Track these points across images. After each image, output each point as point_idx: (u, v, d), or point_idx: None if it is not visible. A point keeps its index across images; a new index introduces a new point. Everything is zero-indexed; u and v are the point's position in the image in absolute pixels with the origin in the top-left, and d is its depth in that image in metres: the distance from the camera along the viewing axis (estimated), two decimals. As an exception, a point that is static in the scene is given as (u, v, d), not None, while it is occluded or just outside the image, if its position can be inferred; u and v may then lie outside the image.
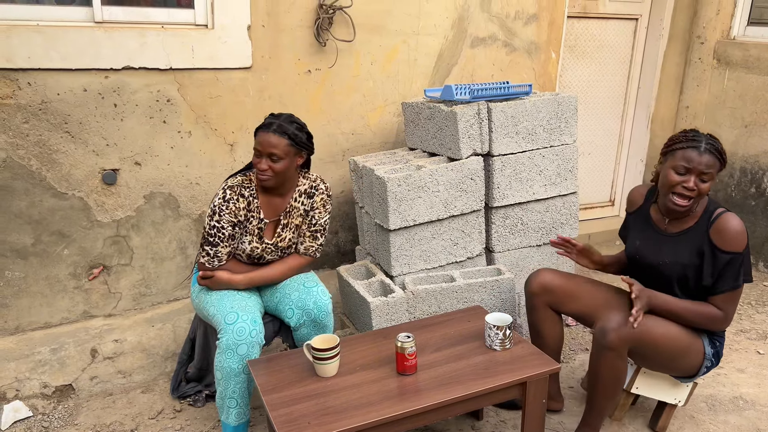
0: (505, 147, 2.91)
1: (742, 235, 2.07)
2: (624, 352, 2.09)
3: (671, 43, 4.41)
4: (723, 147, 2.12)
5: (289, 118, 2.32)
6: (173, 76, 2.86)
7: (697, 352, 2.17)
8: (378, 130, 3.49)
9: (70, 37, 2.63)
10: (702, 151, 2.05)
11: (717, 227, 2.09)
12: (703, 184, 2.06)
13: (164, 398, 2.70)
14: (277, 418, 1.80)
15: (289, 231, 2.43)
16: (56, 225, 2.79)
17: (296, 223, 2.43)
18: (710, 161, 2.05)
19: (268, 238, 2.40)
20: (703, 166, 2.04)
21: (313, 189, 2.45)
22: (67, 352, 2.76)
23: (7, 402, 2.58)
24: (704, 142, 2.07)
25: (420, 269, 2.84)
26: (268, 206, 2.39)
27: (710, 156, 2.05)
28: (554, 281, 2.38)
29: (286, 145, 2.25)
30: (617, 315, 2.09)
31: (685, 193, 2.07)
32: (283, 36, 3.07)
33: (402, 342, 1.99)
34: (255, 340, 2.18)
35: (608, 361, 2.09)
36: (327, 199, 2.47)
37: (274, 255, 2.43)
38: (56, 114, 2.69)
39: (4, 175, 2.65)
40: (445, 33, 3.51)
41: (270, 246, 2.40)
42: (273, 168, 2.26)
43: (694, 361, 2.19)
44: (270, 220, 2.39)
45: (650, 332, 2.10)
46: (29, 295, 2.82)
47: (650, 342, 2.11)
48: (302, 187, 2.44)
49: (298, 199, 2.42)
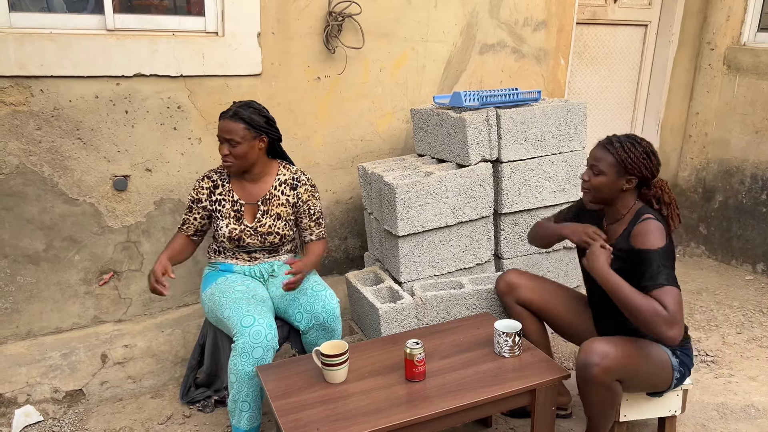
0: (514, 153, 2.92)
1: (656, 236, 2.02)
2: (611, 383, 2.03)
3: (681, 50, 4.40)
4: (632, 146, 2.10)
5: (248, 104, 2.41)
6: (184, 83, 2.89)
7: (666, 365, 2.13)
8: (387, 136, 3.50)
9: (82, 45, 2.65)
10: (596, 146, 2.19)
11: (635, 231, 2.09)
12: (594, 177, 2.15)
13: (173, 403, 2.71)
14: (286, 424, 1.80)
15: (269, 218, 2.47)
16: (67, 231, 2.82)
17: (278, 212, 2.48)
18: (599, 155, 2.14)
19: (248, 220, 2.47)
20: (591, 159, 2.17)
21: (296, 181, 2.53)
22: (78, 357, 2.78)
23: (18, 406, 2.59)
24: (605, 139, 2.18)
25: (429, 275, 2.84)
26: (242, 190, 2.48)
27: (602, 150, 2.14)
28: (519, 279, 2.48)
29: (242, 129, 2.33)
30: (599, 346, 2.02)
31: (582, 185, 2.22)
32: (293, 43, 3.09)
33: (411, 348, 1.99)
34: (270, 344, 2.19)
35: (596, 394, 2.06)
36: (312, 189, 2.56)
37: (255, 239, 2.46)
38: (68, 121, 2.72)
39: (17, 181, 2.68)
40: (453, 40, 3.52)
41: (249, 229, 2.45)
42: (233, 153, 2.34)
43: (667, 376, 2.15)
44: (247, 203, 2.47)
45: (631, 358, 2.05)
46: (41, 300, 2.84)
47: (633, 368, 2.06)
48: (282, 177, 2.52)
49: (279, 188, 2.50)
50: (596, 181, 2.14)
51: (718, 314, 3.56)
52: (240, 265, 2.53)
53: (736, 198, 4.25)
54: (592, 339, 2.07)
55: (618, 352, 2.01)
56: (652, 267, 2.00)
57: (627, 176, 2.12)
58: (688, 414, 2.59)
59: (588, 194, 2.19)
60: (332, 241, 3.50)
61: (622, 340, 2.08)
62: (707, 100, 4.38)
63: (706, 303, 3.71)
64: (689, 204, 4.58)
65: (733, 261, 4.30)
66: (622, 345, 2.06)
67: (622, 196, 2.16)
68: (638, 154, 2.10)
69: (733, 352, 3.12)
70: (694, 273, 4.21)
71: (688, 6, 4.32)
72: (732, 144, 4.23)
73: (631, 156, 2.10)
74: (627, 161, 2.10)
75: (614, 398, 2.09)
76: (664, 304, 1.95)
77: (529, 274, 2.52)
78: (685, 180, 4.59)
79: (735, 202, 4.26)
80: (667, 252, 2.03)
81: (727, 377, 2.90)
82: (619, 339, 2.09)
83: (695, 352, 3.12)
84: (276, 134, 2.48)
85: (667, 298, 1.95)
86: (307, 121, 3.24)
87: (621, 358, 2.02)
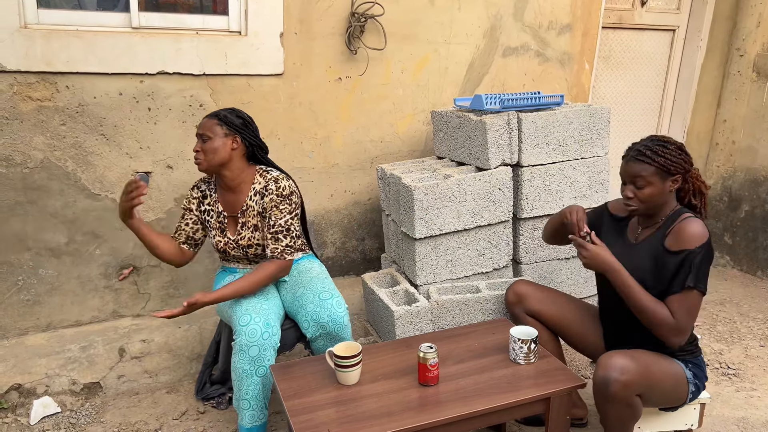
0: (535, 158, 2.89)
1: (695, 236, 2.00)
2: (631, 399, 1.99)
3: (709, 55, 4.33)
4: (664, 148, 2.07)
5: (231, 109, 2.38)
6: (206, 81, 2.91)
7: (682, 378, 2.10)
8: (406, 138, 3.49)
9: (107, 42, 2.69)
10: (627, 161, 2.13)
11: (673, 230, 2.07)
12: (639, 191, 2.10)
13: (188, 399, 2.73)
14: (297, 424, 1.80)
15: (247, 230, 2.41)
16: (89, 225, 2.86)
17: (253, 223, 2.40)
18: (638, 168, 2.08)
19: (230, 233, 2.43)
20: (630, 176, 2.11)
21: (264, 189, 2.37)
22: (96, 350, 2.81)
23: (37, 397, 2.63)
24: (632, 151, 2.13)
25: (445, 279, 2.82)
26: (225, 202, 2.42)
27: (638, 164, 2.08)
28: (528, 290, 2.44)
29: (214, 124, 2.29)
30: (618, 360, 1.98)
31: (626, 201, 2.15)
32: (315, 43, 3.10)
33: (424, 352, 1.97)
34: (267, 343, 2.18)
35: (617, 410, 2.01)
36: (279, 200, 2.34)
37: (238, 252, 2.44)
38: (92, 117, 2.76)
39: (41, 176, 2.72)
40: (476, 42, 3.50)
41: (231, 242, 2.42)
42: (203, 148, 2.29)
43: (683, 391, 2.12)
44: (229, 215, 2.42)
45: (651, 372, 2.02)
46: (61, 293, 2.88)
47: (653, 383, 2.03)
48: (257, 186, 2.39)
49: (253, 198, 2.39)
50: (644, 194, 2.09)
51: (741, 326, 3.49)
52: (242, 269, 2.51)
53: (763, 208, 4.16)
54: (609, 353, 2.03)
55: (637, 366, 1.97)
56: (684, 268, 2.00)
57: (671, 177, 2.09)
58: (707, 428, 2.54)
59: (637, 209, 2.13)
60: (350, 241, 3.50)
61: (640, 353, 2.05)
62: (735, 107, 4.29)
63: (730, 314, 3.64)
64: (714, 213, 4.49)
65: (759, 272, 4.21)
66: (641, 358, 2.02)
67: (669, 197, 2.14)
68: (673, 152, 2.08)
69: (756, 366, 3.06)
70: (717, 283, 4.13)
71: (717, 11, 4.24)
72: (760, 153, 4.14)
73: (668, 158, 2.07)
74: (668, 164, 2.07)
75: (635, 414, 2.04)
76: (674, 310, 1.98)
77: (538, 285, 2.49)
78: (711, 188, 4.50)
79: (762, 212, 4.16)
80: (705, 251, 2.01)
81: (749, 391, 2.83)
82: (636, 352, 2.05)
83: (717, 364, 3.06)
84: (253, 139, 2.38)
85: (679, 305, 1.98)
86: (327, 122, 3.24)
87: (640, 372, 1.98)
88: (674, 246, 2.04)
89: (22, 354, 2.73)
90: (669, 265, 2.04)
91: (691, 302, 1.98)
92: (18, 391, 2.63)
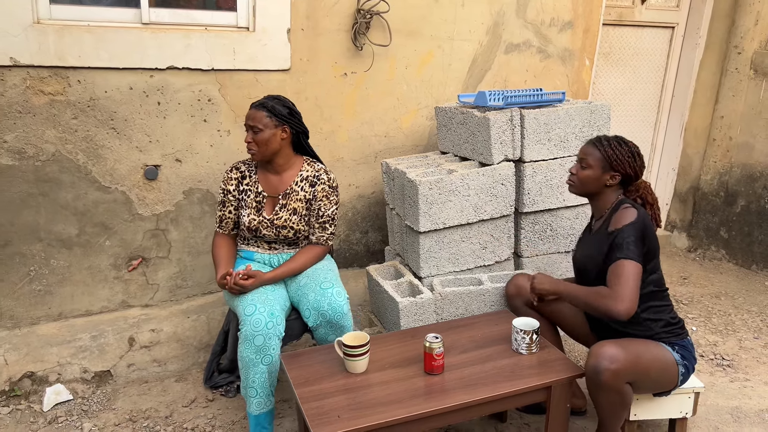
0: (537, 153, 2.95)
1: (626, 217, 2.16)
2: (621, 386, 2.07)
3: (707, 53, 4.39)
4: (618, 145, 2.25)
5: (275, 97, 2.50)
6: (215, 76, 2.96)
7: (670, 361, 2.18)
8: (410, 133, 3.54)
9: (118, 38, 2.74)
10: (587, 143, 2.33)
11: (613, 217, 2.22)
12: (582, 171, 2.31)
13: (197, 387, 2.80)
14: (308, 411, 1.87)
15: (286, 212, 2.52)
16: (99, 217, 2.91)
17: (294, 207, 2.52)
18: (588, 150, 2.29)
19: (267, 213, 2.53)
20: (581, 154, 2.32)
21: (316, 178, 2.55)
22: (107, 339, 2.88)
23: (50, 385, 2.70)
24: (596, 138, 2.32)
25: (448, 271, 2.89)
26: (266, 182, 2.55)
27: (591, 147, 2.29)
28: (527, 283, 2.54)
29: (264, 116, 2.42)
30: (608, 350, 2.06)
31: (568, 177, 2.38)
32: (321, 39, 3.15)
33: (430, 342, 2.04)
34: (272, 332, 2.25)
35: (607, 397, 2.09)
36: (330, 191, 2.55)
37: (270, 231, 2.52)
38: (103, 111, 2.81)
39: (53, 168, 2.78)
40: (479, 39, 3.55)
41: (266, 221, 2.51)
42: (255, 139, 2.43)
43: (673, 375, 2.19)
44: (269, 195, 2.53)
45: (640, 360, 2.09)
46: (72, 283, 2.94)
47: (642, 370, 2.11)
48: (305, 173, 2.56)
49: (299, 184, 2.54)
50: (583, 174, 2.30)
51: (736, 318, 3.57)
52: (260, 253, 2.60)
53: (758, 203, 4.23)
54: (599, 343, 2.11)
55: (626, 355, 2.05)
56: (614, 243, 2.14)
57: (611, 172, 2.26)
58: (701, 416, 2.62)
59: (573, 186, 2.36)
60: (353, 234, 3.56)
61: (629, 342, 2.12)
62: (733, 103, 4.36)
63: (725, 307, 3.72)
64: (711, 208, 4.56)
65: (754, 266, 4.29)
66: (630, 347, 2.09)
67: (605, 191, 2.30)
68: (624, 152, 2.26)
69: (750, 357, 3.14)
70: (713, 276, 4.21)
71: (716, 9, 4.30)
72: (756, 149, 4.21)
73: (617, 153, 2.25)
74: (613, 158, 2.25)
75: (625, 401, 2.12)
76: (609, 281, 2.10)
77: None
78: (708, 183, 4.57)
79: (757, 207, 4.24)
80: (632, 228, 2.12)
81: (743, 381, 2.91)
82: (625, 341, 2.12)
83: (711, 355, 3.14)
84: (299, 127, 2.53)
85: (612, 276, 2.10)
86: (333, 117, 3.30)
87: (630, 360, 2.06)
88: (611, 229, 2.19)
89: (35, 343, 2.79)
90: (606, 246, 2.18)
91: (622, 270, 2.08)
92: (31, 379, 2.70)
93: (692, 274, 4.26)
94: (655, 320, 2.21)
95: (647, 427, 2.55)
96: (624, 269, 2.08)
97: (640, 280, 2.09)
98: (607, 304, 2.06)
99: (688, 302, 3.78)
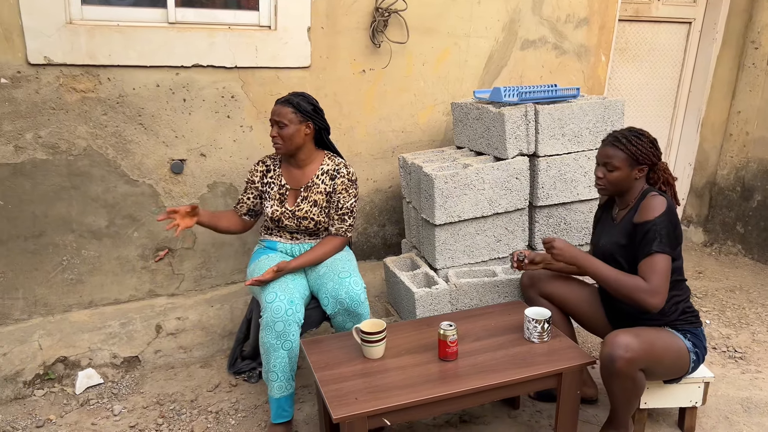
0: (551, 148, 3.01)
1: (655, 208, 2.19)
2: (635, 373, 2.14)
3: (724, 48, 4.40)
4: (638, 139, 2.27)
5: (299, 94, 2.61)
6: (238, 74, 3.06)
7: (682, 349, 2.24)
8: (427, 128, 3.62)
9: (146, 37, 2.85)
10: (604, 145, 2.34)
11: (640, 207, 2.26)
12: (609, 174, 2.31)
13: (221, 373, 2.92)
14: (327, 393, 1.97)
15: (307, 204, 2.63)
16: (128, 209, 3.03)
17: (315, 199, 2.63)
18: (611, 152, 2.30)
19: (289, 204, 2.65)
20: (603, 157, 2.32)
21: (336, 172, 2.66)
22: (135, 326, 3.00)
23: (81, 369, 2.83)
24: (610, 137, 2.34)
25: (463, 263, 2.97)
26: (289, 175, 2.68)
27: (612, 148, 2.30)
28: (541, 274, 2.62)
29: (290, 112, 2.53)
30: (622, 338, 2.13)
31: (597, 181, 2.37)
32: (340, 37, 3.23)
33: (444, 330, 2.12)
34: (291, 319, 2.35)
35: (621, 385, 2.16)
36: (348, 184, 2.65)
37: (292, 222, 2.63)
38: (131, 107, 2.92)
39: (84, 163, 2.90)
40: (495, 35, 3.62)
41: (288, 212, 2.63)
42: (281, 134, 2.54)
43: (684, 362, 2.26)
44: (291, 188, 2.65)
45: (654, 348, 2.16)
46: (102, 273, 3.07)
47: (656, 357, 2.17)
48: (326, 167, 2.67)
49: (320, 177, 2.65)
50: (612, 176, 2.31)
51: (750, 312, 3.60)
52: (283, 243, 2.70)
53: (775, 198, 4.24)
54: (615, 332, 2.18)
55: (640, 343, 2.12)
56: (647, 236, 2.17)
57: (639, 166, 2.30)
58: (712, 406, 2.67)
59: (605, 190, 2.36)
60: (371, 227, 3.65)
61: (643, 331, 2.19)
62: (750, 98, 4.37)
63: (739, 301, 3.75)
64: (727, 202, 4.58)
65: (770, 261, 4.30)
66: (643, 335, 2.16)
67: (635, 184, 2.34)
68: (645, 144, 2.29)
69: (762, 350, 3.17)
70: (728, 271, 4.24)
71: (733, 4, 4.31)
72: (773, 144, 4.22)
73: (640, 148, 2.28)
74: (637, 153, 2.28)
75: (638, 388, 2.19)
76: (644, 274, 2.14)
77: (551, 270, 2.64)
78: (724, 178, 4.59)
79: (774, 202, 4.25)
80: (665, 220, 2.17)
81: (754, 373, 2.95)
82: (639, 330, 2.19)
83: (724, 347, 3.18)
84: (322, 123, 2.64)
85: (648, 269, 2.14)
86: (351, 112, 3.39)
87: (643, 348, 2.12)
88: (639, 219, 2.23)
89: (67, 329, 2.93)
90: (637, 237, 2.23)
91: (658, 265, 2.14)
92: (64, 363, 2.83)
93: (708, 269, 4.28)
94: (674, 309, 2.28)
95: (657, 415, 2.61)
96: (659, 264, 2.14)
97: (670, 272, 2.17)
98: (642, 297, 2.14)
99: (703, 296, 3.82)
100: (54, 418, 2.58)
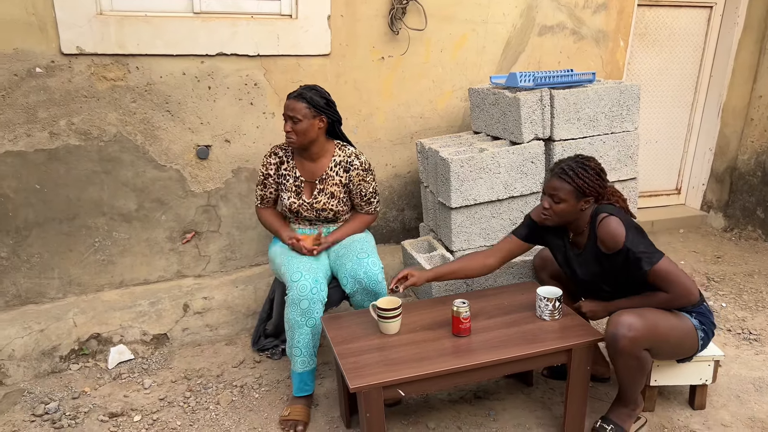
0: (566, 132, 3.05)
1: (618, 236, 2.20)
2: (639, 353, 2.20)
3: (746, 32, 4.36)
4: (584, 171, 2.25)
5: (312, 87, 2.64)
6: (260, 62, 3.16)
7: (691, 330, 2.29)
8: (445, 114, 3.68)
9: (172, 26, 2.96)
10: (551, 176, 2.31)
11: (599, 238, 2.27)
12: (556, 205, 2.29)
13: (245, 350, 3.04)
14: (345, 365, 2.06)
15: (324, 195, 2.70)
16: (156, 193, 3.16)
17: (331, 191, 2.70)
18: (557, 185, 2.27)
19: (306, 196, 2.72)
20: (550, 189, 2.30)
21: (349, 164, 2.70)
22: (163, 305, 3.14)
23: (113, 345, 2.97)
24: (557, 168, 2.31)
25: (479, 246, 3.04)
26: (303, 168, 2.72)
27: (559, 181, 2.27)
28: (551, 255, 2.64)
29: (303, 107, 2.55)
30: (626, 318, 2.18)
31: (543, 211, 2.34)
32: (360, 25, 3.31)
33: (458, 306, 2.21)
34: (316, 297, 2.44)
35: (625, 363, 2.22)
36: (364, 174, 2.71)
37: (310, 213, 2.71)
38: (159, 95, 3.04)
39: (114, 148, 3.03)
40: (513, 21, 3.65)
41: (306, 204, 2.70)
42: (295, 129, 2.57)
43: (693, 341, 2.31)
44: (306, 180, 2.71)
45: (657, 328, 2.21)
46: (132, 254, 3.21)
47: (660, 337, 2.23)
48: (338, 158, 2.70)
49: (334, 169, 2.70)
50: (558, 208, 2.30)
51: (767, 296, 3.61)
52: (303, 228, 2.80)
53: (796, 183, 4.22)
54: (619, 312, 2.24)
55: (643, 323, 2.17)
56: (630, 263, 2.22)
57: (585, 198, 2.28)
58: (723, 385, 2.72)
59: (550, 219, 2.34)
60: (390, 212, 3.74)
61: (647, 311, 2.24)
62: (772, 83, 4.33)
63: (757, 285, 3.76)
64: (748, 188, 4.56)
65: (791, 246, 4.28)
66: (647, 315, 2.21)
67: (582, 214, 2.33)
68: (591, 177, 2.27)
69: (778, 333, 3.20)
70: (748, 255, 4.23)
71: (756, -13, 4.27)
72: (795, 128, 4.19)
73: (585, 180, 2.26)
74: (584, 186, 2.26)
75: (643, 366, 2.25)
76: (662, 286, 2.21)
77: None
78: (745, 163, 4.57)
79: (795, 187, 4.23)
80: (633, 238, 2.21)
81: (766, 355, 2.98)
82: (644, 310, 2.24)
83: (739, 330, 3.21)
84: (335, 116, 2.68)
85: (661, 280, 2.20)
86: (371, 99, 3.46)
87: (647, 327, 2.18)
88: (610, 250, 2.25)
89: (99, 307, 3.07)
90: (617, 264, 2.26)
91: (665, 273, 2.19)
92: (97, 340, 2.98)
93: (726, 253, 4.29)
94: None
95: (668, 393, 2.66)
96: (665, 271, 2.19)
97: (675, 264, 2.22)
98: (679, 305, 2.24)
99: (720, 280, 3.84)
100: (89, 390, 2.73)
